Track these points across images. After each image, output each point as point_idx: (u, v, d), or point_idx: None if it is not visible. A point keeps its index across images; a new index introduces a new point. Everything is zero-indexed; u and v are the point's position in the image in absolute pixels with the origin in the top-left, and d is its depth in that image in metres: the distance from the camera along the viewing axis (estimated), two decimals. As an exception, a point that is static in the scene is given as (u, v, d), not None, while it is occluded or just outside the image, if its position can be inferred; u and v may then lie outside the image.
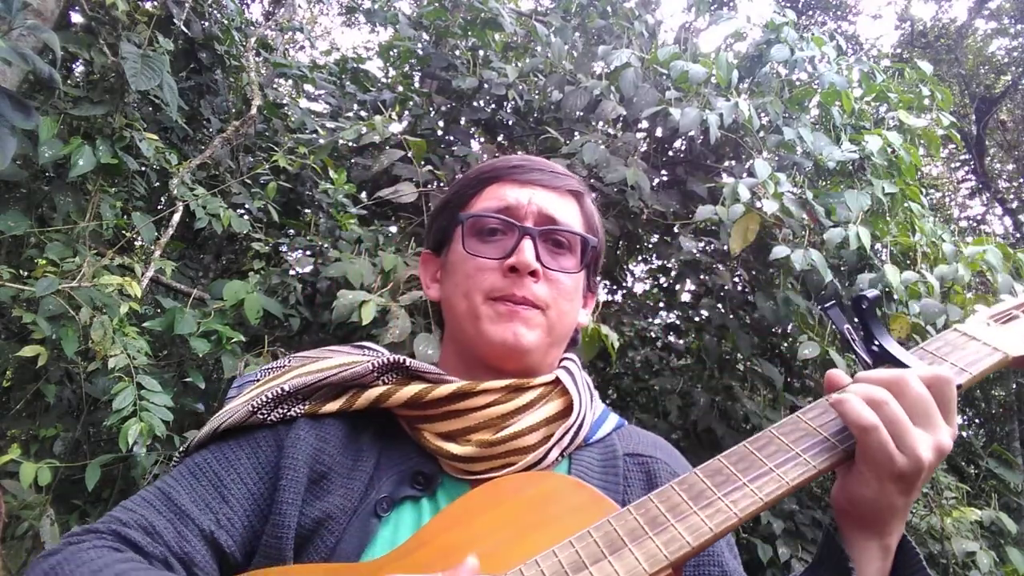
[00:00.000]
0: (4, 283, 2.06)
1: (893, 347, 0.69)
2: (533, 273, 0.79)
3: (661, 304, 3.94)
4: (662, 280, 4.04)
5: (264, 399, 0.76)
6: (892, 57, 9.83)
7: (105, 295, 2.14)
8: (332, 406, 0.77)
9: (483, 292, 0.79)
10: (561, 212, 0.84)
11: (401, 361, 0.78)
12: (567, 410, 0.78)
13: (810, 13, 9.92)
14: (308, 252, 2.82)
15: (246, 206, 2.95)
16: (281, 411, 0.77)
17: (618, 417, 0.88)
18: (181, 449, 0.82)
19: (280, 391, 0.77)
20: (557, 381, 0.80)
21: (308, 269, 2.76)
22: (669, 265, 3.75)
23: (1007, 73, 9.64)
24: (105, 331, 2.04)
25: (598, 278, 0.95)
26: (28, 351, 2.05)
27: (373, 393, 0.77)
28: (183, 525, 0.68)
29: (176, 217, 2.63)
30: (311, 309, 2.70)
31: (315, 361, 0.82)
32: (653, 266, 4.03)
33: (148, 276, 2.43)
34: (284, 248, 2.91)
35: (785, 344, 3.33)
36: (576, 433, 0.78)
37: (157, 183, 2.76)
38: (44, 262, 2.13)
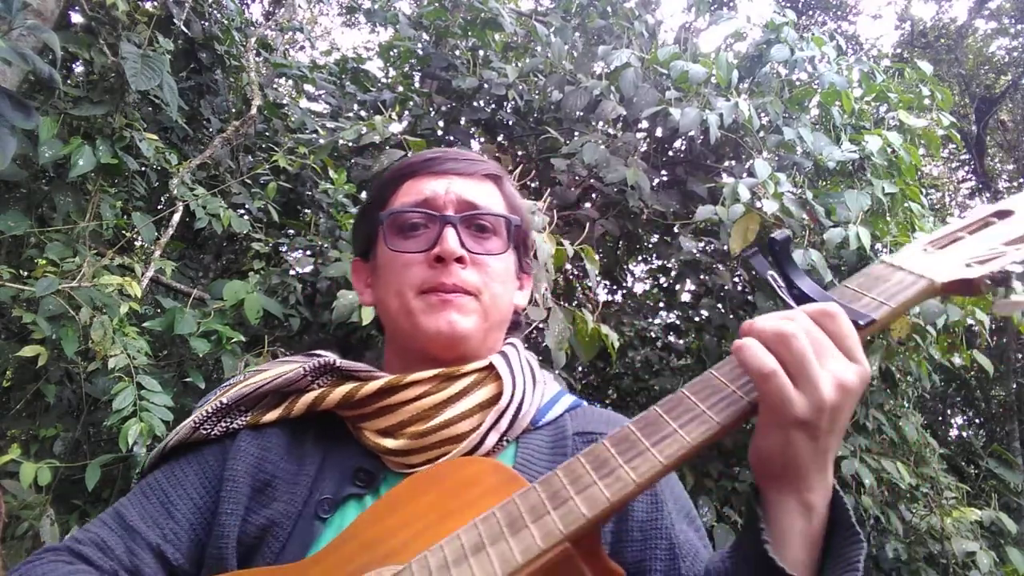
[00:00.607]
0: (4, 283, 2.06)
1: (811, 288, 0.62)
2: (460, 260, 0.79)
3: (661, 304, 3.95)
4: (662, 280, 4.04)
5: (205, 414, 0.79)
6: (892, 57, 9.82)
7: (105, 295, 2.14)
8: (272, 415, 0.78)
9: (413, 287, 0.79)
10: (480, 197, 0.84)
11: (332, 362, 0.79)
12: (501, 395, 0.77)
13: (810, 13, 9.92)
14: (308, 252, 2.82)
15: (246, 206, 2.95)
16: (224, 424, 0.79)
17: (574, 398, 0.87)
18: (138, 471, 0.85)
19: (220, 404, 0.79)
20: (491, 366, 0.79)
21: (308, 269, 2.76)
22: (669, 265, 3.75)
23: (1007, 73, 9.64)
24: (105, 331, 2.04)
25: (530, 259, 0.94)
26: (28, 351, 2.05)
27: (309, 397, 0.78)
28: (132, 541, 0.71)
29: (176, 217, 2.63)
30: (311, 309, 2.70)
31: (260, 373, 0.83)
32: (653, 266, 4.04)
33: (148, 276, 2.43)
34: (284, 248, 2.91)
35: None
36: (515, 417, 0.77)
37: (157, 183, 2.76)
38: (44, 262, 2.13)
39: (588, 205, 3.39)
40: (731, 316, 3.16)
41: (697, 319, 3.49)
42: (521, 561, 0.53)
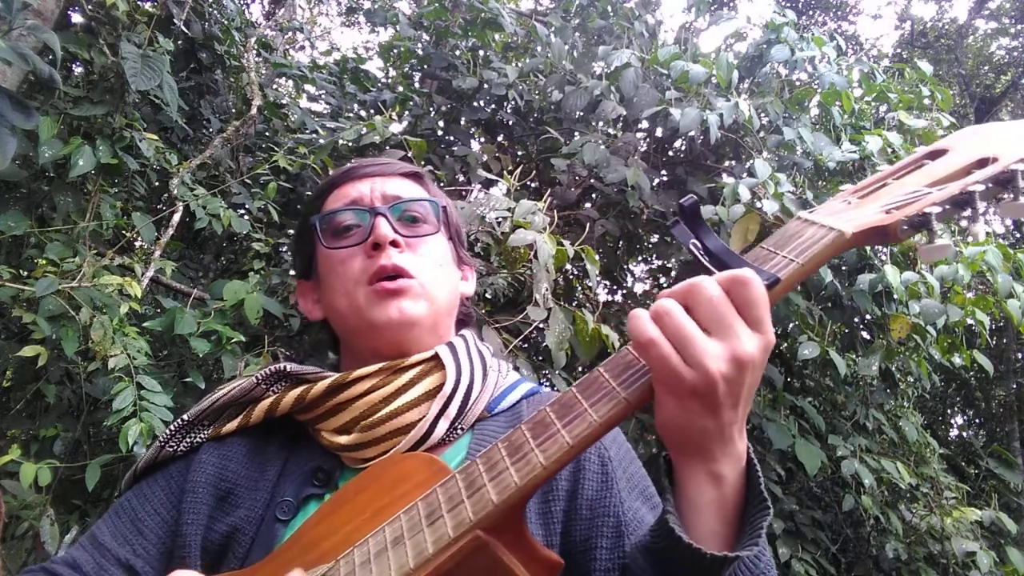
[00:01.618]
0: (4, 283, 2.06)
1: (723, 251, 0.58)
2: (395, 244, 0.81)
3: (661, 304, 3.94)
4: (662, 280, 4.04)
5: (170, 432, 0.82)
6: (892, 57, 9.83)
7: (105, 295, 2.14)
8: (232, 425, 0.81)
9: (356, 280, 0.81)
10: (405, 190, 0.88)
11: (283, 368, 0.82)
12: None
13: (810, 13, 9.92)
14: (308, 252, 2.81)
15: (246, 206, 2.94)
16: (188, 441, 0.82)
17: (532, 384, 0.88)
18: (117, 494, 0.88)
19: (181, 421, 0.82)
20: (437, 356, 0.81)
21: (308, 269, 2.75)
22: (669, 265, 3.75)
23: (1007, 73, 9.64)
24: (105, 331, 2.04)
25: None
26: (28, 351, 2.05)
27: (265, 404, 0.80)
28: (101, 556, 0.75)
29: (176, 217, 2.62)
30: (311, 309, 2.70)
31: (219, 389, 0.85)
32: (653, 266, 4.04)
33: (148, 276, 2.43)
34: (284, 248, 2.91)
35: (785, 344, 3.33)
36: (463, 404, 0.77)
37: (157, 183, 2.76)
38: (44, 262, 2.13)
39: (588, 205, 3.39)
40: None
41: (697, 319, 3.48)
42: (432, 551, 0.53)
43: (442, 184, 2.82)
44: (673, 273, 3.78)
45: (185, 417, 0.82)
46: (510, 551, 0.54)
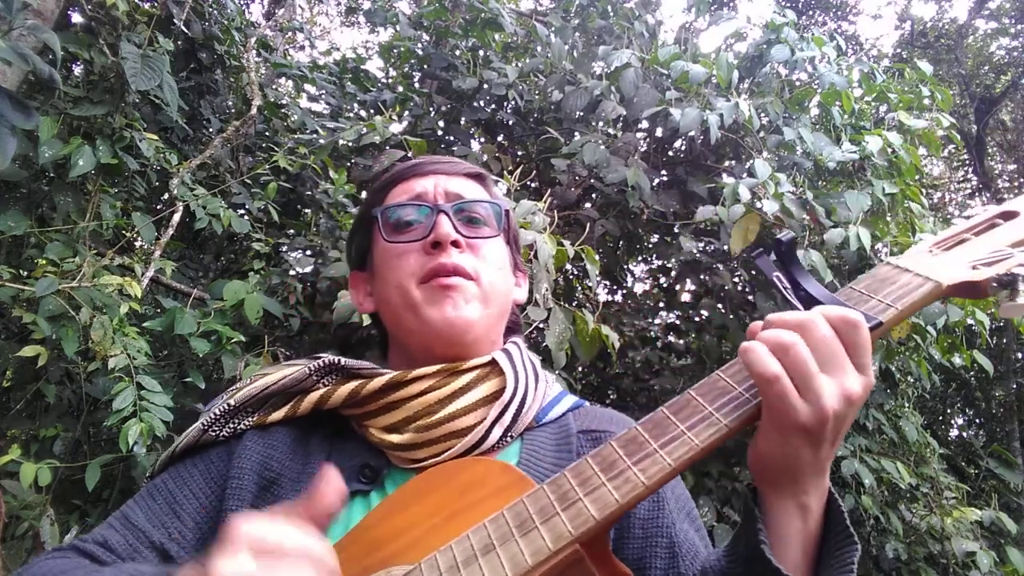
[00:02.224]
0: (4, 283, 2.06)
1: (817, 290, 0.62)
2: (456, 244, 0.80)
3: (661, 304, 3.94)
4: (662, 280, 4.04)
5: (213, 416, 0.80)
6: (892, 57, 9.83)
7: (105, 295, 2.14)
8: (278, 414, 0.79)
9: (412, 275, 0.80)
10: (467, 190, 0.87)
11: (337, 362, 0.80)
12: (504, 390, 0.78)
13: (810, 13, 9.92)
14: (308, 252, 2.82)
15: (246, 206, 2.94)
16: (232, 426, 0.80)
17: (576, 398, 0.88)
18: (148, 473, 0.86)
19: (227, 407, 0.80)
20: (494, 362, 0.80)
21: (308, 269, 2.76)
22: (669, 265, 3.75)
23: (1007, 73, 9.64)
24: (105, 331, 2.04)
25: (521, 258, 0.96)
26: (28, 351, 2.05)
27: (315, 396, 0.79)
28: (135, 539, 0.72)
29: (176, 217, 2.62)
30: (311, 309, 2.70)
31: (265, 376, 0.84)
32: (653, 266, 4.04)
33: (148, 276, 2.43)
34: (284, 248, 2.91)
35: (785, 344, 3.32)
36: (518, 412, 0.77)
37: (157, 183, 2.76)
38: (44, 262, 2.13)
39: (588, 205, 3.39)
40: (731, 316, 3.16)
41: (697, 319, 3.49)
42: (531, 563, 0.53)
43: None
44: (673, 273, 3.78)
45: (231, 402, 0.80)
46: (596, 566, 0.55)
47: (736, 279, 3.39)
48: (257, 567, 0.46)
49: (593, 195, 3.37)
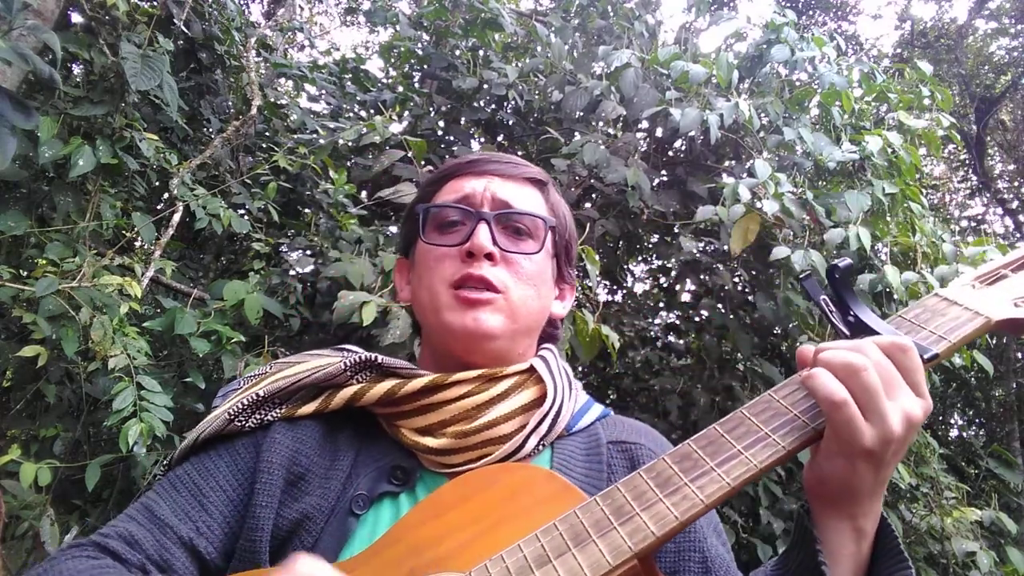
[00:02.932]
0: (4, 283, 2.06)
1: (868, 317, 0.64)
2: (490, 257, 0.78)
3: (661, 304, 3.94)
4: (662, 280, 4.04)
5: (240, 406, 0.78)
6: (892, 57, 9.83)
7: (105, 295, 2.14)
8: (308, 408, 0.78)
9: (444, 280, 0.79)
10: (518, 198, 0.84)
11: (374, 359, 0.79)
12: (542, 398, 0.78)
13: (810, 13, 9.92)
14: (308, 252, 2.82)
15: (246, 206, 2.94)
16: (258, 417, 0.78)
17: (602, 407, 0.87)
18: (165, 462, 0.83)
19: (256, 396, 0.78)
20: (532, 369, 0.80)
21: (308, 269, 2.76)
22: (669, 265, 3.75)
23: (1007, 73, 9.64)
24: (105, 331, 2.04)
25: (574, 272, 0.93)
26: (28, 351, 2.05)
27: (348, 392, 0.77)
28: (162, 534, 0.70)
29: (176, 217, 2.62)
30: (311, 309, 2.70)
31: (293, 366, 0.82)
32: (653, 266, 4.04)
33: (148, 276, 2.43)
34: (284, 248, 2.91)
35: (785, 344, 3.33)
36: (554, 421, 0.77)
37: (157, 183, 2.76)
38: (44, 262, 2.13)
39: (588, 205, 3.38)
40: (731, 316, 3.16)
41: (697, 319, 3.49)
42: None
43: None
44: (673, 273, 3.78)
45: (260, 392, 0.78)
46: None
47: (736, 279, 3.39)
48: None
49: (593, 195, 3.37)
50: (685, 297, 3.73)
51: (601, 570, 0.53)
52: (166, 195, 2.86)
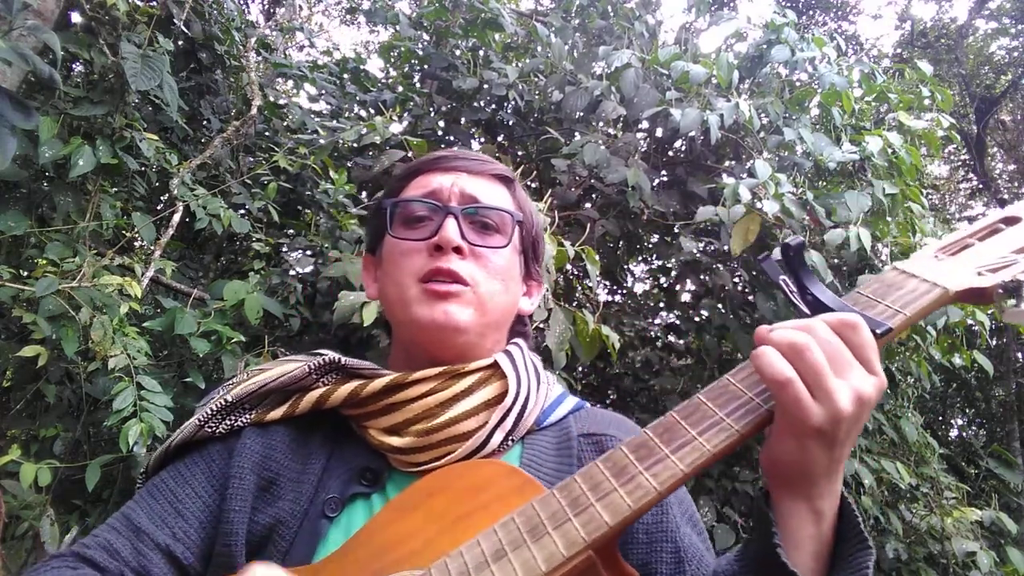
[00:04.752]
0: (4, 283, 2.06)
1: (824, 295, 0.62)
2: (458, 251, 0.78)
3: (661, 304, 3.94)
4: (662, 280, 4.04)
5: (209, 412, 0.79)
6: (892, 57, 9.83)
7: (105, 295, 2.14)
8: (277, 412, 0.78)
9: (412, 274, 0.79)
10: (485, 193, 0.84)
11: (337, 360, 0.79)
12: (506, 394, 0.77)
13: (810, 13, 9.92)
14: (308, 252, 2.82)
15: (246, 206, 2.94)
16: (228, 422, 0.79)
17: (577, 400, 0.87)
18: (142, 471, 0.85)
19: (224, 402, 0.79)
20: (495, 365, 0.79)
21: (308, 269, 2.76)
22: (669, 265, 3.75)
23: (1007, 73, 9.64)
24: (105, 331, 2.04)
25: (542, 269, 0.93)
26: (28, 351, 2.05)
27: (314, 395, 0.78)
28: (140, 541, 0.71)
29: (176, 217, 2.62)
30: (311, 309, 2.70)
31: (263, 372, 0.83)
32: (653, 266, 4.04)
33: (148, 276, 2.43)
34: (284, 248, 2.91)
35: (785, 344, 3.32)
36: (520, 416, 0.77)
37: (157, 183, 2.76)
38: (44, 262, 2.13)
39: (588, 205, 3.39)
40: (731, 316, 3.16)
41: (697, 319, 3.49)
42: (544, 569, 0.53)
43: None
44: (673, 273, 3.78)
45: (228, 398, 0.79)
46: (608, 571, 0.55)
47: (736, 279, 3.39)
48: None
49: (593, 195, 3.37)
50: (685, 297, 3.73)
51: (555, 562, 0.53)
52: (166, 195, 2.86)
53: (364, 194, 3.24)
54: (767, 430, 0.58)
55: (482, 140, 3.76)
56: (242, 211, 2.99)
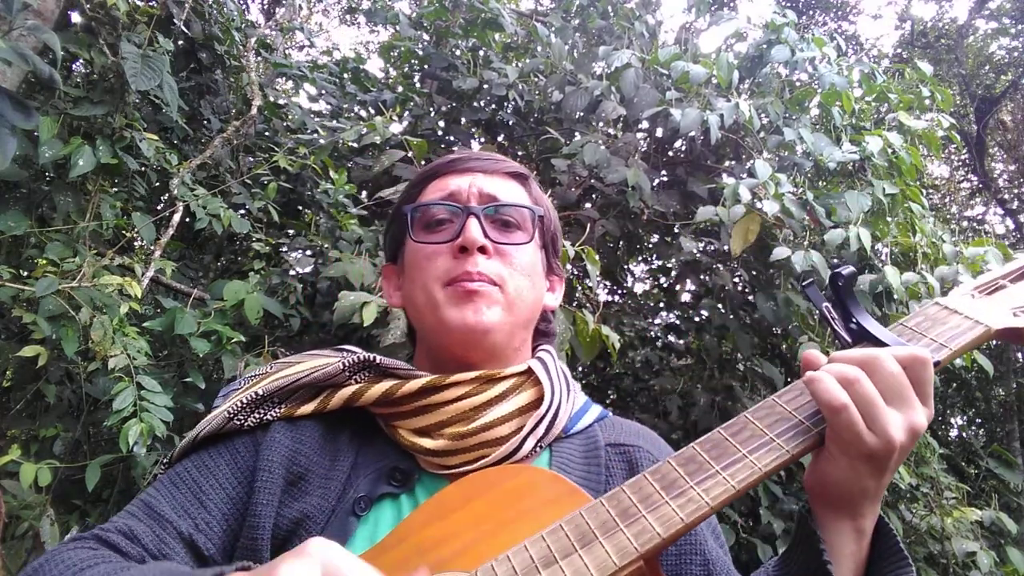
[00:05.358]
0: (4, 283, 2.06)
1: (871, 324, 0.65)
2: (483, 250, 0.78)
3: (661, 304, 3.95)
4: (662, 280, 4.04)
5: (240, 404, 0.78)
6: (892, 57, 9.83)
7: (105, 295, 2.14)
8: (307, 408, 0.78)
9: (438, 278, 0.78)
10: (503, 191, 0.84)
11: (372, 359, 0.78)
12: (539, 400, 0.77)
13: (810, 13, 9.92)
14: (308, 252, 2.82)
15: (246, 206, 2.94)
16: (258, 416, 0.78)
17: (601, 408, 0.87)
18: (164, 460, 0.83)
19: (255, 395, 0.78)
20: (530, 371, 0.79)
21: (308, 269, 2.76)
22: (669, 265, 3.75)
23: (1007, 73, 9.64)
24: (105, 331, 2.04)
25: (564, 265, 0.95)
26: (28, 351, 2.05)
27: (346, 392, 0.77)
28: (161, 529, 0.70)
29: (176, 217, 2.62)
30: (311, 309, 2.70)
31: (292, 365, 0.82)
32: (653, 266, 4.04)
33: (148, 276, 2.43)
34: (284, 248, 2.91)
35: (785, 344, 3.33)
36: (552, 423, 0.77)
37: (157, 183, 2.76)
38: (44, 262, 2.13)
39: (589, 205, 3.39)
40: (731, 316, 3.16)
41: (697, 319, 3.49)
42: None
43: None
44: (673, 273, 3.78)
45: (259, 391, 0.78)
46: None
47: (736, 279, 3.39)
48: None
49: (593, 195, 3.37)
50: (685, 297, 3.74)
51: (608, 570, 0.53)
52: (166, 195, 2.86)
53: (364, 194, 3.24)
54: (813, 452, 0.61)
55: (482, 140, 3.76)
56: (242, 211, 2.99)
